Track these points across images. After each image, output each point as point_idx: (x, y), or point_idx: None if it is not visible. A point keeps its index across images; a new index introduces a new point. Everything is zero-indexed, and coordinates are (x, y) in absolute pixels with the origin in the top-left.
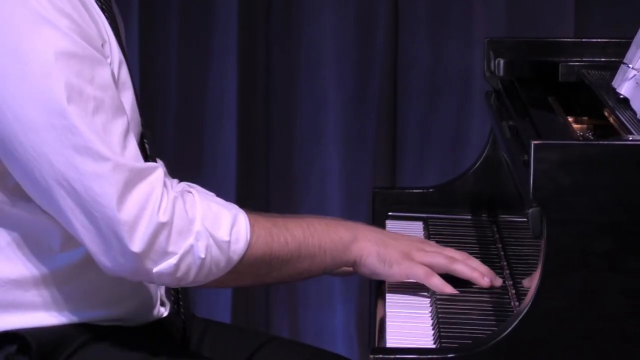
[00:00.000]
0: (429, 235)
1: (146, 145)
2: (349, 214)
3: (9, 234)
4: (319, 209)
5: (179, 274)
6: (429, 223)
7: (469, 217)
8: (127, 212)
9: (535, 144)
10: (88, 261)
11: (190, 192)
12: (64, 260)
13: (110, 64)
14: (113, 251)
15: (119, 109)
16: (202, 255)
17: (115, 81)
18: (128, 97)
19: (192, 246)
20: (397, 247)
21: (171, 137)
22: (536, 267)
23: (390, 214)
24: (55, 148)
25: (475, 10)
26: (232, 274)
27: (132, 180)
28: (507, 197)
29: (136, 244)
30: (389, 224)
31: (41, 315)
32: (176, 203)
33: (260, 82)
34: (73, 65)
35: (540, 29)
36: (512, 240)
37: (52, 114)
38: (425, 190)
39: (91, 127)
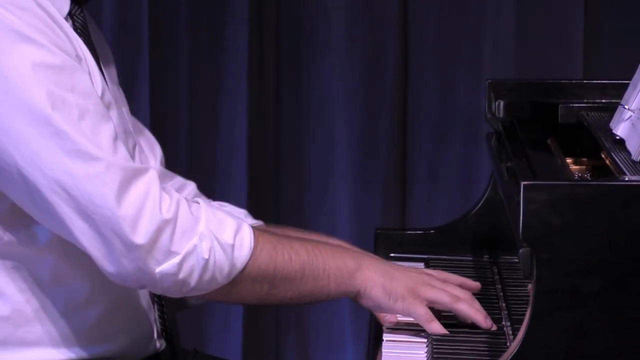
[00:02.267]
0: None
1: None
2: None
3: None
4: None
5: (182, 275)
6: (430, 264)
7: (470, 258)
8: (126, 208)
9: (524, 185)
10: (82, 296)
11: (196, 201)
12: (56, 295)
13: (90, 78)
14: (115, 253)
15: (105, 115)
16: (206, 256)
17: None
18: (114, 117)
19: (195, 246)
20: (403, 282)
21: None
22: None
23: (392, 255)
24: (46, 156)
25: (484, 51)
26: (234, 286)
27: (128, 178)
28: (508, 238)
29: (139, 236)
30: None
31: (37, 351)
32: (180, 203)
33: (270, 122)
34: (52, 75)
35: (549, 70)
36: (511, 281)
37: (39, 122)
38: (426, 232)
39: (79, 131)
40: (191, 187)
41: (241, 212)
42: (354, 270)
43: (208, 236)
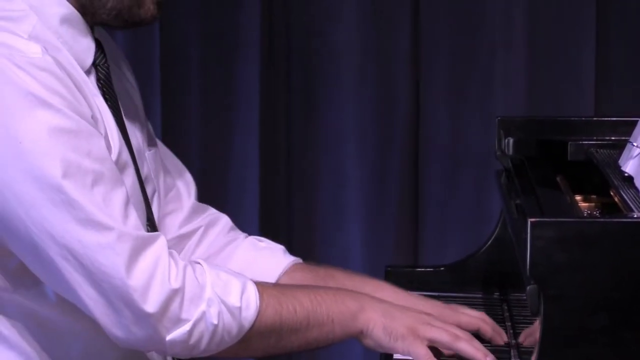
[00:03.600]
0: None
1: (148, 230)
2: None
3: (9, 321)
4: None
5: (192, 341)
6: (440, 301)
7: (480, 295)
8: (136, 279)
9: (531, 222)
10: (95, 349)
11: (199, 262)
12: (70, 348)
13: (107, 141)
14: (125, 320)
15: (118, 180)
16: (215, 322)
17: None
18: (128, 178)
19: (204, 313)
20: (404, 321)
21: None
22: None
23: None
24: (58, 224)
25: (495, 88)
26: (242, 343)
27: (138, 248)
28: (518, 275)
29: (150, 305)
30: None
31: None
32: (187, 270)
33: (281, 158)
34: (68, 140)
35: (561, 106)
36: (521, 318)
37: (51, 190)
38: (436, 269)
39: (91, 200)
40: (225, 219)
41: (280, 248)
42: (356, 312)
43: (215, 301)
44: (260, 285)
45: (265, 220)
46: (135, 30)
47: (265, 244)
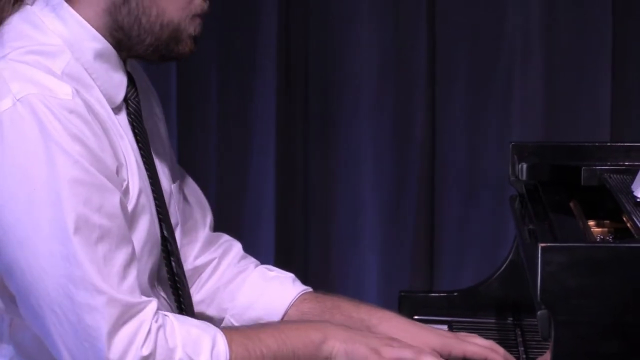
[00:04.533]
0: None
1: (172, 264)
2: None
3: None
4: None
5: None
6: (454, 326)
7: (494, 320)
8: (114, 350)
9: (542, 247)
10: None
11: (167, 316)
12: None
13: (125, 186)
14: None
15: (124, 239)
16: None
17: (127, 208)
18: (145, 221)
19: None
20: (365, 343)
21: None
22: None
23: (415, 317)
24: (53, 276)
25: (512, 112)
26: None
27: (124, 315)
28: (531, 300)
29: None
30: None
31: None
32: (158, 334)
33: (298, 184)
34: (81, 193)
35: (578, 132)
36: (534, 343)
37: (55, 241)
38: (450, 294)
39: (91, 258)
40: (237, 248)
41: (289, 278)
42: (320, 343)
43: None
44: (229, 335)
45: (281, 243)
46: None
47: (275, 273)
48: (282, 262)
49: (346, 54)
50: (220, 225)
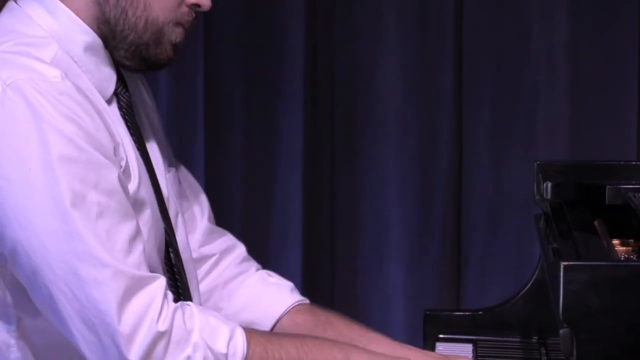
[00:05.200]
0: (476, 357)
1: (171, 255)
2: (412, 335)
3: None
4: (383, 331)
5: None
6: (478, 345)
7: (518, 339)
8: (125, 322)
9: (564, 265)
10: None
11: (189, 305)
12: None
13: (125, 165)
14: (112, 358)
15: (127, 214)
16: None
17: (126, 185)
18: (147, 215)
19: (189, 357)
20: None
21: None
22: None
23: (440, 336)
24: (56, 254)
25: (538, 132)
26: None
27: (132, 287)
28: (556, 319)
29: (133, 354)
30: (439, 346)
31: None
32: (176, 313)
33: (325, 203)
34: (77, 170)
35: (604, 151)
36: None
37: (54, 219)
38: (475, 313)
39: (93, 233)
40: (240, 249)
41: (288, 286)
42: None
43: (202, 346)
44: (249, 333)
45: (308, 262)
46: (180, 74)
47: (275, 279)
48: (309, 279)
49: (372, 74)
50: (246, 245)
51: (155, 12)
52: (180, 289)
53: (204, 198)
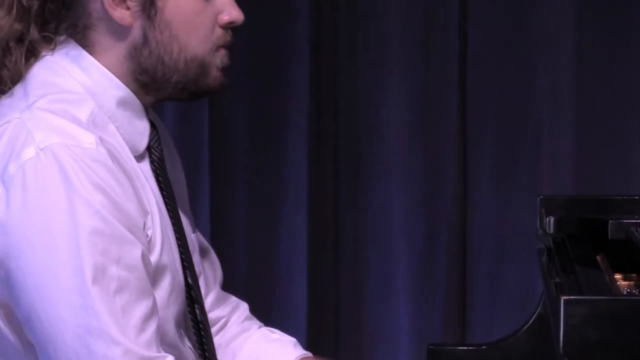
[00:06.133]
0: None
1: (197, 311)
2: None
3: None
4: None
5: None
6: None
7: None
8: None
9: (564, 299)
10: None
11: None
12: None
13: (151, 235)
14: None
15: (145, 291)
16: None
17: (149, 261)
18: (167, 280)
19: None
20: None
21: (241, 294)
22: None
23: None
24: (70, 326)
25: (543, 168)
26: None
27: None
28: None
29: None
30: None
31: None
32: None
33: (330, 239)
34: (100, 243)
35: (609, 187)
36: None
37: (73, 292)
38: (479, 347)
39: (109, 309)
40: (243, 308)
41: (290, 341)
42: None
43: None
44: None
45: (313, 298)
46: (185, 110)
47: (278, 335)
48: (315, 317)
49: (376, 110)
50: (252, 280)
51: (192, 49)
52: (205, 345)
53: (216, 262)
